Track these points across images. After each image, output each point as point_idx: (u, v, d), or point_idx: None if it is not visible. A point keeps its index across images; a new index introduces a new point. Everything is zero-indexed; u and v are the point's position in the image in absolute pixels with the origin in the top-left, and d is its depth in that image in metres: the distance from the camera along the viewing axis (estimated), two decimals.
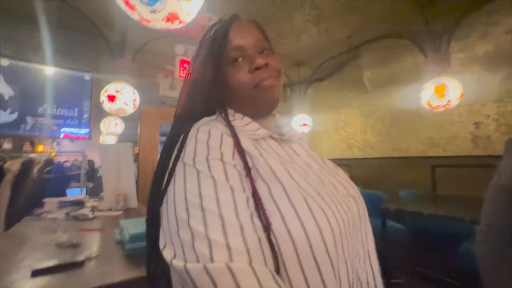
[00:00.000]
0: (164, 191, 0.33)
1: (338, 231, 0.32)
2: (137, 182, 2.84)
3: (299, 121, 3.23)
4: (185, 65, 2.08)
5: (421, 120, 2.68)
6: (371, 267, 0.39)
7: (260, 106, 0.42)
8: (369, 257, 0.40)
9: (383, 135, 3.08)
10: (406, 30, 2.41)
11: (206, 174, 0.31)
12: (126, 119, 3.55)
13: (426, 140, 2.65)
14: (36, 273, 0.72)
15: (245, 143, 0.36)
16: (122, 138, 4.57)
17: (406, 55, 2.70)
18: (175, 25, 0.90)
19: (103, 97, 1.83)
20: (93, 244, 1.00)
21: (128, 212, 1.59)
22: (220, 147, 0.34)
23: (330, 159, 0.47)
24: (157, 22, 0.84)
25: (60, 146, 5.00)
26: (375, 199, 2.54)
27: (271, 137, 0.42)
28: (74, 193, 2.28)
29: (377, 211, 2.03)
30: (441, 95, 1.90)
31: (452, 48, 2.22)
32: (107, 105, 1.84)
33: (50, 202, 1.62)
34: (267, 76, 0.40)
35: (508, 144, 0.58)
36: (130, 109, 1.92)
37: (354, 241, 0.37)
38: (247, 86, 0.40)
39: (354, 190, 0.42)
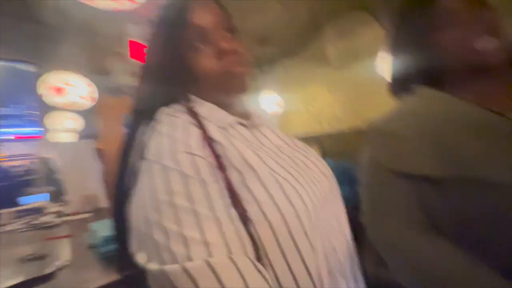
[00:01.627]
0: (129, 193, 0.31)
1: (312, 208, 0.33)
2: (105, 180, 2.67)
3: (268, 100, 3.23)
4: (137, 47, 1.88)
5: (384, 93, 2.84)
6: (345, 236, 0.42)
7: (229, 93, 0.40)
8: (342, 227, 0.42)
9: (350, 109, 3.22)
10: (366, 4, 2.46)
11: (174, 170, 0.29)
12: (82, 113, 3.24)
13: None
14: None
15: (213, 132, 0.34)
16: (81, 135, 4.20)
17: (367, 29, 2.77)
18: (125, 5, 0.80)
19: (43, 90, 1.60)
20: (62, 253, 0.93)
21: (99, 213, 1.50)
22: (186, 139, 0.32)
23: (302, 137, 0.47)
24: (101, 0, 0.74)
25: (6, 149, 4.45)
26: (345, 169, 2.72)
27: (239, 123, 0.41)
28: (33, 200, 2.07)
29: (348, 180, 2.18)
30: None
31: None
32: (52, 99, 1.63)
33: (4, 214, 1.46)
34: (238, 63, 0.38)
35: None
36: (87, 103, 1.73)
37: (328, 214, 0.38)
38: (215, 73, 0.38)
39: (324, 166, 0.43)
